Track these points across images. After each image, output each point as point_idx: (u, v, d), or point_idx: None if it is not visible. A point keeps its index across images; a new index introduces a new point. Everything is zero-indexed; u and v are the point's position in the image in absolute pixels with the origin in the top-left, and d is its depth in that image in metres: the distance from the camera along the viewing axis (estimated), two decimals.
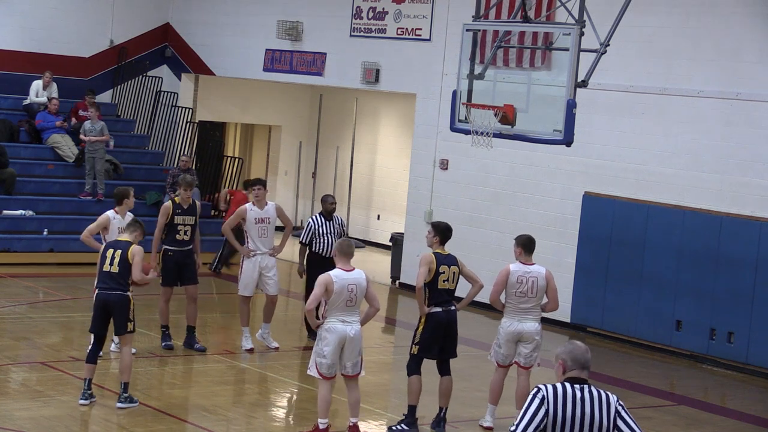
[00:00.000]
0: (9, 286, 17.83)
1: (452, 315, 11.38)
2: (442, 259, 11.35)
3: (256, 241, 14.30)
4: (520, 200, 18.40)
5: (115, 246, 11.56)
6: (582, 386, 6.01)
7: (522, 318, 11.49)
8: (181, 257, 14.02)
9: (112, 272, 11.40)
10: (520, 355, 11.60)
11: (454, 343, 11.50)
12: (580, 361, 6.06)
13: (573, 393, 5.97)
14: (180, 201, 14.05)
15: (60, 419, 11.03)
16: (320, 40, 22.04)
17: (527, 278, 11.45)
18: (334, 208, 15.07)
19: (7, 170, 20.47)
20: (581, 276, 17.52)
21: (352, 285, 10.52)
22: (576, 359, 6.05)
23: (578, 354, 6.07)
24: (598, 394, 6.00)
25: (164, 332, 14.15)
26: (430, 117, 19.81)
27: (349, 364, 10.68)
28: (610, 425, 5.98)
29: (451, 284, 11.35)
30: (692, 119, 16.36)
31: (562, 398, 5.95)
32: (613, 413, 5.99)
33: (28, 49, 23.28)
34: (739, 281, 15.73)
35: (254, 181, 14.77)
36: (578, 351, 6.08)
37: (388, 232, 22.56)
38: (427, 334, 11.31)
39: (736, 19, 15.94)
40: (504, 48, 16.15)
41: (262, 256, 14.33)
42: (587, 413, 5.95)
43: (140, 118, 24.14)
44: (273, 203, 14.52)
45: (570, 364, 6.06)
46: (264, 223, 14.30)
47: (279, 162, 26.49)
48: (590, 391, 6.01)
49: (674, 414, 13.42)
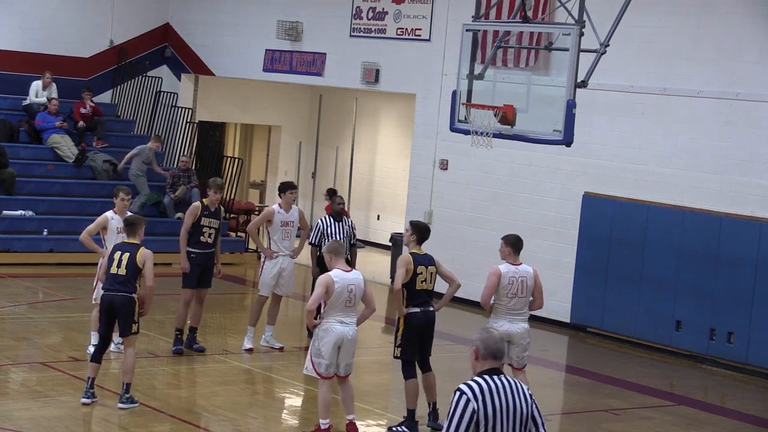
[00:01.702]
0: (9, 286, 17.83)
1: (430, 315, 11.39)
2: (420, 260, 11.35)
3: (278, 243, 14.34)
4: (519, 200, 18.40)
5: (122, 248, 11.54)
6: (498, 377, 6.00)
7: (512, 319, 11.47)
8: (203, 260, 14.02)
9: (118, 274, 11.38)
10: (511, 357, 11.60)
11: (430, 342, 11.52)
12: (492, 350, 6.01)
13: (494, 385, 5.97)
14: (208, 203, 14.06)
15: (60, 419, 11.03)
16: (320, 40, 22.04)
17: (517, 278, 11.45)
18: (342, 209, 15.11)
19: (7, 170, 20.47)
20: (581, 276, 17.53)
21: (351, 285, 10.56)
22: (489, 348, 6.01)
23: (491, 343, 6.02)
24: (514, 383, 6.03)
25: (177, 336, 14.11)
26: (429, 117, 19.81)
27: (343, 365, 10.71)
28: (530, 412, 6.03)
29: (429, 284, 11.36)
30: (692, 119, 16.36)
31: (487, 392, 5.93)
32: (530, 400, 6.05)
33: (27, 49, 23.28)
34: (739, 281, 15.73)
35: (290, 185, 14.70)
36: (491, 340, 6.02)
37: (387, 233, 22.56)
38: (407, 335, 11.32)
39: (736, 19, 15.94)
40: (504, 48, 16.14)
41: (283, 258, 14.39)
42: (511, 402, 5.97)
43: (140, 119, 24.14)
44: (296, 207, 14.57)
45: (483, 353, 6.02)
46: (288, 226, 14.39)
47: (279, 162, 26.50)
48: (507, 380, 6.02)
49: (674, 414, 13.42)
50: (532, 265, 11.78)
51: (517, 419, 5.98)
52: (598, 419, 12.87)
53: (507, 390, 5.98)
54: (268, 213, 14.42)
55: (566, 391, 14.65)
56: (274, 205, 14.52)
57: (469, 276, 16.86)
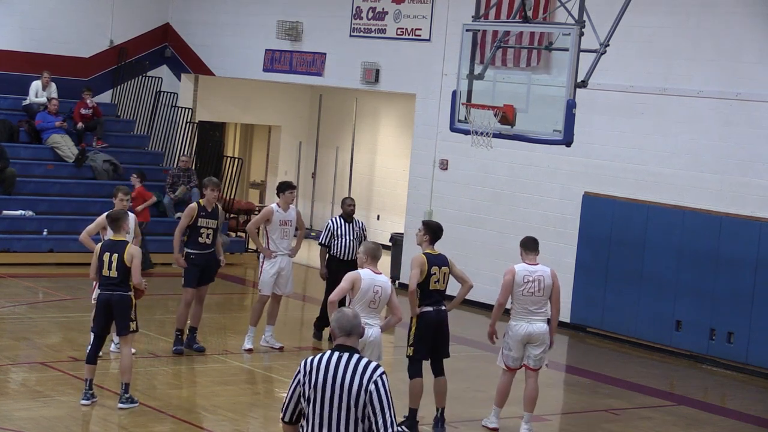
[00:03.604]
0: (9, 286, 17.83)
1: (443, 315, 11.38)
2: (434, 260, 11.34)
3: (276, 243, 14.35)
4: (520, 200, 18.40)
5: (110, 249, 11.49)
6: (343, 353, 6.22)
7: (531, 320, 11.41)
8: (203, 260, 14.01)
9: (111, 276, 11.39)
10: (529, 357, 11.48)
11: (445, 343, 11.48)
12: (346, 328, 6.29)
13: (330, 359, 6.20)
14: (205, 203, 14.05)
15: (60, 419, 11.03)
16: (320, 40, 22.04)
17: (533, 277, 11.39)
18: (352, 210, 15.15)
19: (7, 170, 20.47)
20: (581, 276, 17.52)
21: (378, 287, 10.54)
22: (342, 327, 6.31)
23: (344, 321, 6.32)
24: (357, 361, 6.18)
25: (177, 336, 14.10)
26: (429, 117, 19.81)
27: None
28: (361, 390, 6.09)
29: (442, 285, 11.36)
30: (692, 119, 16.36)
31: (316, 365, 6.20)
32: (366, 380, 6.11)
33: (27, 49, 23.27)
34: (739, 281, 15.72)
35: (289, 184, 14.70)
36: (344, 319, 6.33)
37: (387, 233, 22.55)
38: (419, 334, 11.31)
39: (736, 19, 15.94)
40: (504, 48, 16.15)
41: (281, 257, 14.39)
42: (339, 377, 6.13)
43: (140, 119, 24.13)
44: (294, 207, 14.58)
45: (337, 332, 6.33)
46: (287, 225, 14.42)
47: (279, 162, 26.49)
48: (351, 357, 6.20)
49: (674, 414, 13.42)
50: None
51: (344, 397, 6.11)
52: (598, 419, 12.87)
53: (341, 366, 6.17)
54: (267, 212, 14.43)
55: (566, 391, 14.65)
56: (273, 204, 14.53)
57: (469, 276, 16.80)
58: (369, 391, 6.08)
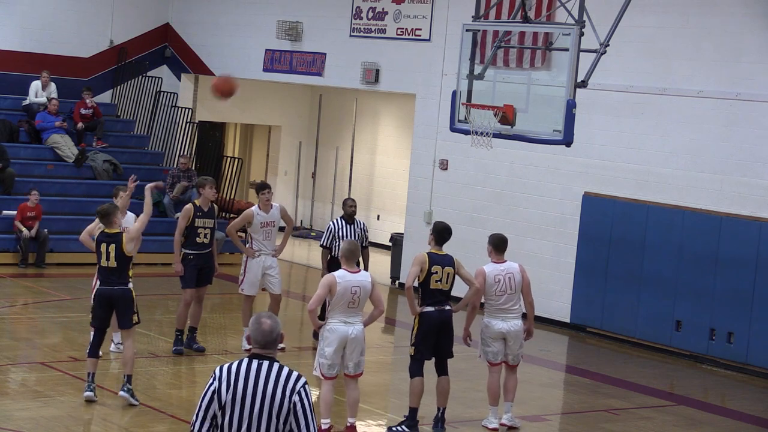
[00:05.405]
0: (9, 286, 17.83)
1: (446, 315, 11.35)
2: (436, 259, 11.34)
3: (261, 243, 14.33)
4: (520, 200, 18.40)
5: (107, 240, 11.50)
6: (263, 361, 5.95)
7: (505, 317, 11.56)
8: (201, 260, 14.01)
9: (110, 267, 11.40)
10: (507, 355, 11.67)
11: (449, 343, 11.47)
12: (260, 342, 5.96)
13: (249, 367, 5.93)
14: (201, 203, 14.04)
15: (60, 419, 11.03)
16: (320, 40, 22.04)
17: (503, 275, 11.50)
18: (353, 211, 15.09)
19: (7, 170, 20.46)
20: (581, 276, 17.52)
21: (356, 287, 10.53)
22: (257, 340, 5.98)
23: (258, 335, 5.97)
24: (279, 370, 5.93)
25: (178, 337, 14.10)
26: (429, 117, 19.81)
27: (351, 364, 10.71)
28: (284, 400, 5.88)
29: (445, 285, 11.33)
30: (692, 119, 16.36)
31: (234, 373, 5.91)
32: (290, 391, 5.89)
33: (27, 49, 23.27)
34: (739, 281, 15.72)
35: (264, 185, 14.70)
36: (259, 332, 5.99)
37: (387, 233, 22.56)
38: (421, 334, 11.32)
39: (736, 19, 15.94)
40: (504, 48, 16.14)
41: (265, 257, 14.37)
42: (260, 386, 5.88)
43: (140, 119, 24.14)
44: (277, 205, 14.51)
45: (252, 342, 6.02)
46: (269, 227, 14.36)
47: (279, 162, 26.49)
48: (271, 366, 5.94)
49: (674, 414, 13.42)
50: (531, 264, 11.80)
51: (265, 406, 5.87)
52: (598, 419, 12.87)
53: (262, 375, 5.91)
54: (248, 215, 14.33)
55: (566, 391, 14.65)
56: (254, 206, 14.48)
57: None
58: (293, 402, 5.89)
